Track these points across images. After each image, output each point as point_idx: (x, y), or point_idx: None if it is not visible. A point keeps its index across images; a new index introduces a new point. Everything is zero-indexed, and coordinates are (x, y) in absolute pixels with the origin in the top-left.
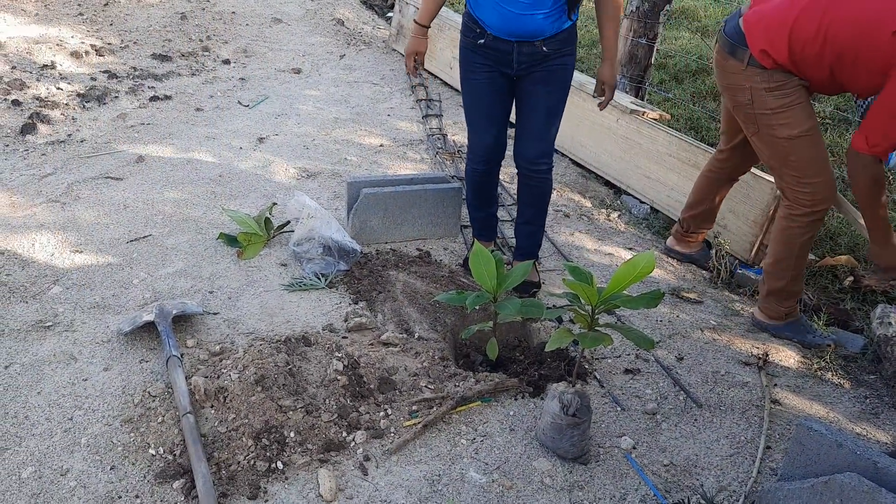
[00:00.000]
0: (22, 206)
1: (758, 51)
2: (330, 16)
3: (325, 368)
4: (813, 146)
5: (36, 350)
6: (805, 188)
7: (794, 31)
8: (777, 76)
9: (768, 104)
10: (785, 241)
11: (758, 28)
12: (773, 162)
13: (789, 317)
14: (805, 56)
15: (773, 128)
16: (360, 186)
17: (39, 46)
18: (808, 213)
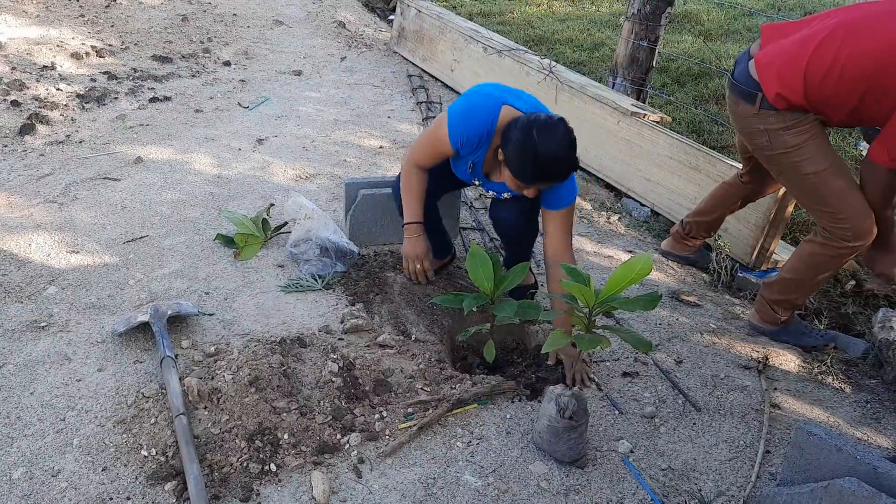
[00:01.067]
0: (19, 207)
1: (773, 94)
2: (331, 18)
3: (321, 370)
4: (841, 178)
5: (30, 350)
6: (843, 223)
7: (809, 70)
8: (791, 115)
9: (788, 143)
10: (813, 266)
11: (771, 70)
12: (806, 201)
13: (787, 322)
14: (822, 96)
15: (796, 165)
16: (358, 188)
17: (40, 47)
18: (847, 248)
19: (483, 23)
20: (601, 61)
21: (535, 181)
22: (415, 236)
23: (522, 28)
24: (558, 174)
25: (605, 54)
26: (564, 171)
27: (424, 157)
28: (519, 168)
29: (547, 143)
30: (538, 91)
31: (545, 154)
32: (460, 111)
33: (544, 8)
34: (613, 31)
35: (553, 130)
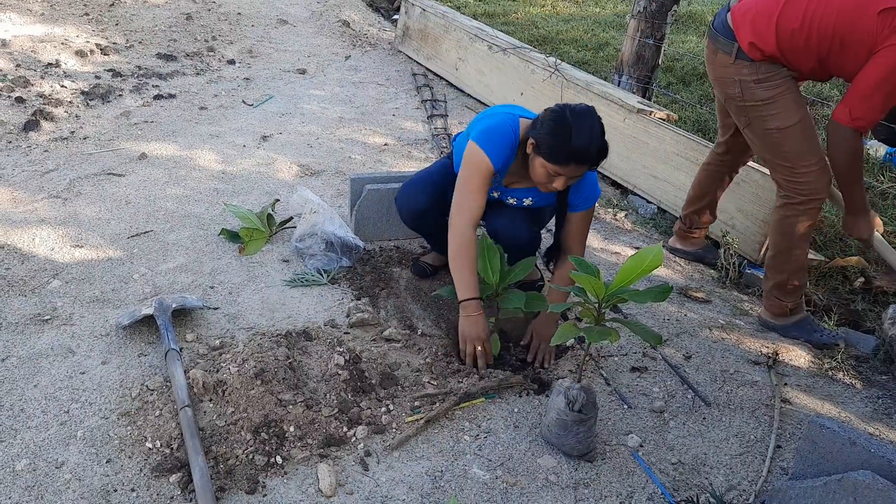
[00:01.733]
0: (23, 202)
1: (746, 44)
2: (336, 17)
3: (326, 363)
4: (804, 136)
5: (34, 343)
6: (800, 178)
7: (781, 22)
8: (765, 67)
9: (757, 96)
10: (783, 231)
11: (745, 21)
12: (767, 154)
13: (795, 314)
14: (793, 46)
15: (763, 119)
16: (363, 183)
17: (44, 45)
18: (805, 202)
19: (487, 23)
20: (605, 61)
21: (569, 161)
22: (474, 314)
23: (526, 28)
24: (590, 156)
25: (609, 54)
26: (596, 154)
27: (476, 201)
28: (553, 149)
29: (581, 125)
30: (544, 88)
31: (580, 134)
32: (485, 133)
33: (548, 8)
34: (618, 32)
35: (586, 115)
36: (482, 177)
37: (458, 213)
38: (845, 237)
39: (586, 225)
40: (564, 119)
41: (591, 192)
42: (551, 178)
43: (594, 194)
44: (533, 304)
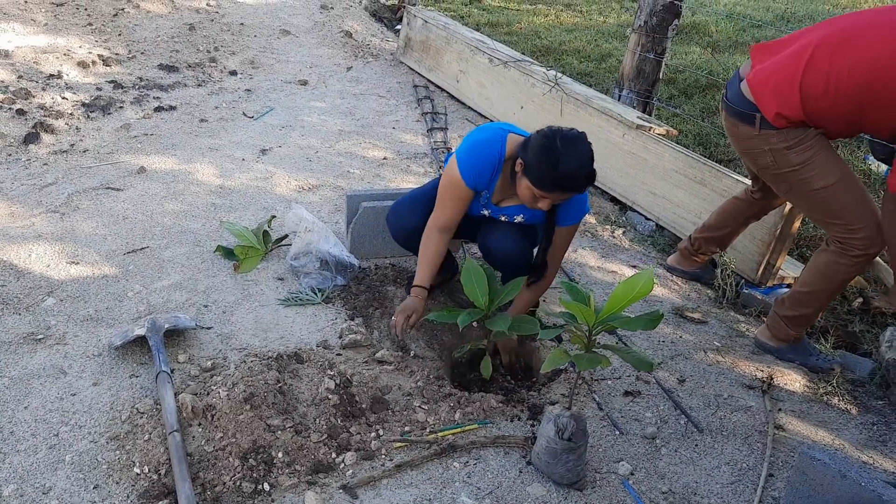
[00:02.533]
0: (21, 216)
1: (773, 114)
2: (338, 28)
3: (317, 387)
4: (851, 190)
5: (26, 363)
6: (856, 233)
7: (805, 86)
8: (793, 133)
9: (793, 161)
10: (828, 276)
11: (767, 90)
12: (816, 214)
13: (794, 339)
14: (821, 109)
15: (805, 182)
16: (359, 200)
17: (47, 56)
18: (862, 255)
19: (490, 33)
20: (608, 72)
21: (554, 189)
22: (417, 297)
23: (530, 38)
24: (577, 184)
25: (612, 65)
26: (583, 181)
27: (445, 212)
28: (539, 175)
29: (570, 153)
30: (544, 102)
31: (567, 163)
32: (466, 149)
33: (552, 18)
34: (621, 42)
35: (576, 141)
36: (453, 190)
37: (431, 218)
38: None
39: (568, 240)
40: (554, 145)
41: (579, 208)
42: (536, 199)
43: (583, 211)
44: (521, 328)
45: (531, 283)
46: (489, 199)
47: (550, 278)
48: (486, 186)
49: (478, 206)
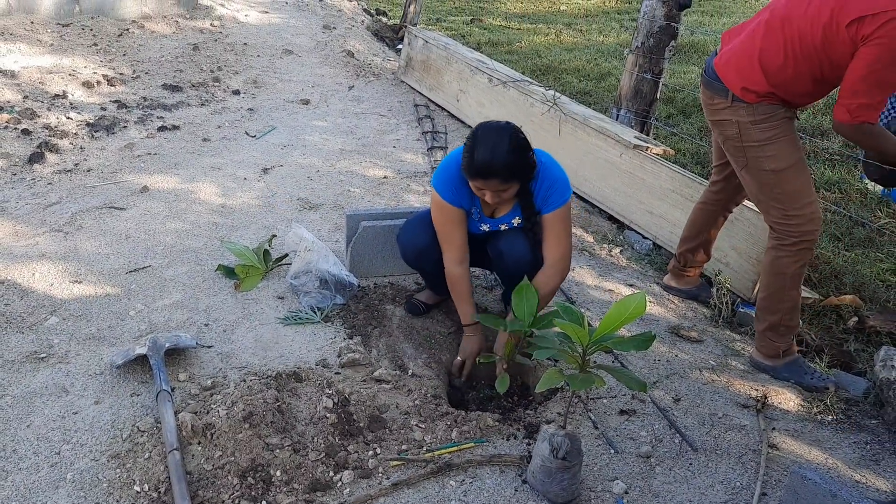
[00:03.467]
0: (25, 235)
1: (739, 89)
2: (340, 48)
3: (315, 405)
4: (798, 179)
5: (28, 382)
6: (791, 220)
7: (763, 60)
8: (762, 109)
9: (755, 136)
10: (776, 272)
11: (729, 69)
12: (761, 195)
13: (787, 355)
14: (784, 79)
15: (759, 160)
16: (359, 219)
17: (52, 76)
18: (796, 243)
19: (491, 52)
20: (607, 91)
21: (476, 177)
22: (473, 335)
23: (530, 58)
24: (493, 171)
25: (611, 84)
26: (502, 168)
27: (451, 241)
28: (465, 164)
29: (484, 141)
30: (542, 122)
31: (481, 151)
32: (438, 172)
33: (552, 37)
34: (620, 62)
35: (494, 131)
36: (444, 215)
37: (444, 253)
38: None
39: (559, 227)
40: (474, 135)
41: (557, 193)
42: (479, 191)
43: (562, 194)
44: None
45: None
46: (481, 213)
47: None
48: (471, 200)
49: (476, 225)
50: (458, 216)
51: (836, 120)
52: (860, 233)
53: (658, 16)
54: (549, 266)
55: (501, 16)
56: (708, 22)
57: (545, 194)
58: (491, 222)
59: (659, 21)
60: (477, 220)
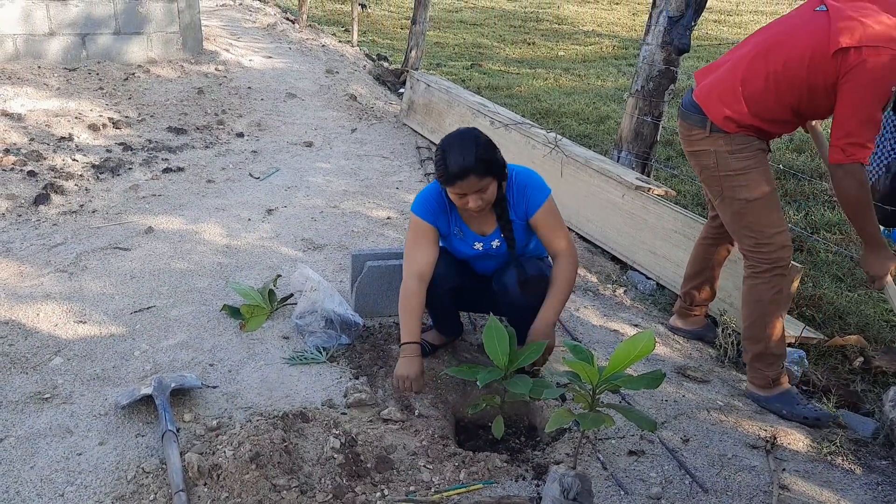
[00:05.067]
0: (30, 276)
1: (721, 118)
2: (343, 91)
3: (322, 446)
4: (769, 209)
5: (32, 423)
6: (762, 248)
7: (745, 89)
8: (738, 139)
9: (731, 166)
10: (754, 299)
11: (712, 99)
12: (734, 225)
13: (777, 386)
14: (766, 107)
15: (733, 189)
16: (364, 259)
17: (59, 119)
18: (769, 270)
19: (491, 96)
20: (607, 134)
21: (454, 180)
22: (410, 356)
23: (530, 101)
24: (469, 169)
25: (610, 127)
26: (476, 163)
27: (416, 253)
28: (440, 175)
29: (452, 146)
30: (544, 164)
31: (452, 153)
32: (417, 197)
33: (551, 82)
34: (618, 105)
35: (458, 134)
36: (417, 232)
37: (404, 268)
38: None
39: (550, 223)
40: (441, 147)
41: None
42: (461, 200)
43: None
44: (539, 391)
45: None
46: (468, 230)
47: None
48: (447, 218)
49: (468, 245)
50: (429, 232)
51: (832, 163)
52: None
53: (657, 60)
54: (559, 258)
55: (500, 61)
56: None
57: (523, 197)
58: (483, 240)
59: (658, 65)
60: (467, 240)
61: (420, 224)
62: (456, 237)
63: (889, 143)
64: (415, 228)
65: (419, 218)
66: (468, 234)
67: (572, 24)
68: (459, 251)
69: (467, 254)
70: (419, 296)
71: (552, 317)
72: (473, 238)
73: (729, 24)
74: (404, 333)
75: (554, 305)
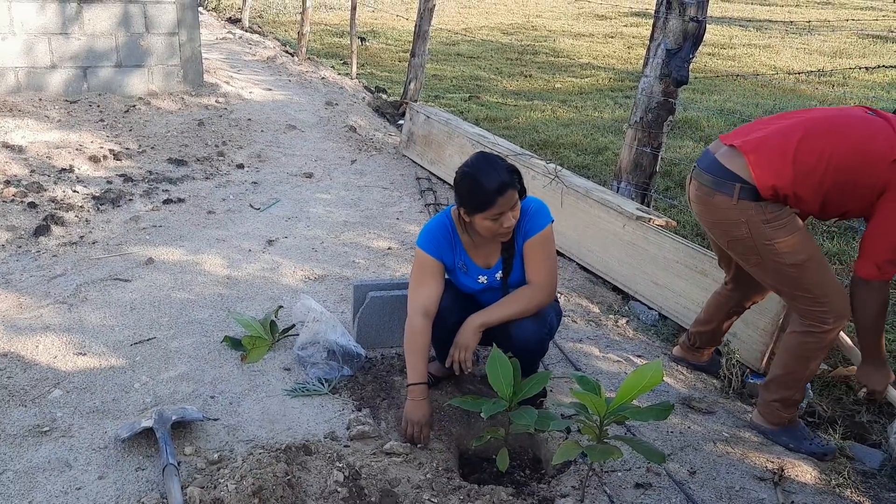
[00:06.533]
0: (29, 308)
1: (769, 185)
2: (343, 123)
3: (326, 479)
4: (821, 267)
5: (31, 457)
6: (823, 307)
7: (797, 160)
8: (770, 207)
9: (768, 235)
10: (801, 356)
11: (761, 160)
12: (784, 288)
13: (791, 423)
14: (808, 184)
15: (778, 256)
16: (366, 290)
17: (59, 151)
18: (830, 330)
19: (489, 127)
20: (605, 165)
21: (495, 198)
22: (418, 399)
23: (528, 133)
24: (505, 184)
25: (608, 158)
26: (509, 177)
27: (422, 289)
28: (477, 202)
29: (481, 167)
30: (544, 194)
31: (486, 175)
32: (422, 232)
33: (548, 113)
34: (616, 136)
35: (480, 159)
36: (422, 267)
37: (409, 304)
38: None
39: (543, 250)
40: (467, 175)
41: (537, 215)
42: (496, 223)
43: (542, 220)
44: (544, 423)
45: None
46: (472, 264)
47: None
48: (452, 252)
49: (472, 279)
50: (435, 267)
51: (860, 276)
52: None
53: (656, 92)
54: (531, 283)
55: (498, 93)
56: (699, 99)
57: (526, 221)
58: (487, 273)
59: (657, 97)
60: (471, 273)
61: (426, 259)
62: (460, 271)
63: None
64: (420, 263)
65: (425, 252)
66: (472, 267)
67: (568, 56)
68: (464, 285)
69: (472, 288)
70: (425, 333)
71: (481, 320)
72: (478, 272)
73: (723, 56)
74: (411, 374)
75: (490, 312)
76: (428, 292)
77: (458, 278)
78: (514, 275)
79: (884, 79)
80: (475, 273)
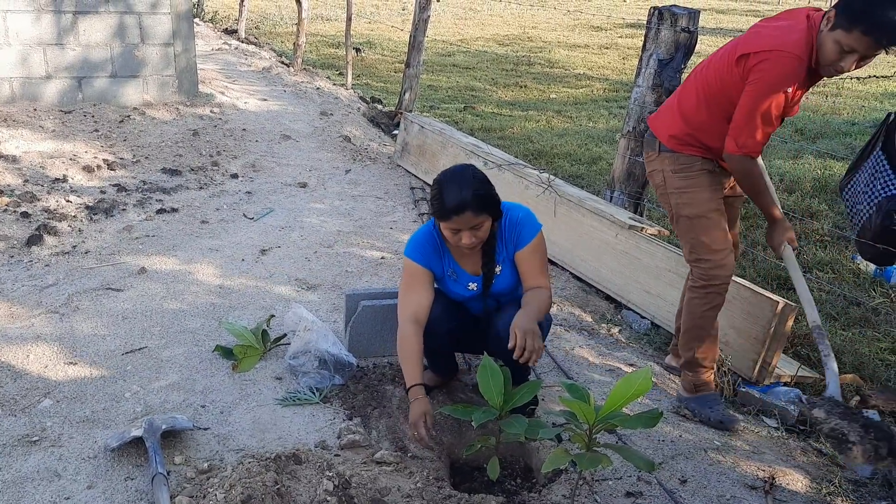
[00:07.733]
0: (20, 317)
1: (666, 137)
2: (337, 133)
3: (315, 488)
4: (710, 229)
5: (19, 466)
6: (701, 264)
7: (681, 107)
8: (683, 159)
9: (675, 184)
10: (689, 311)
11: (658, 120)
12: (681, 239)
13: (701, 390)
14: (700, 120)
15: (679, 206)
16: (358, 299)
17: (53, 160)
18: (705, 286)
19: (484, 137)
20: (598, 174)
21: (451, 215)
22: (419, 398)
23: (522, 143)
24: (465, 205)
25: (602, 168)
26: (472, 200)
27: (409, 298)
28: (437, 212)
29: (450, 182)
30: (537, 204)
31: (449, 191)
32: (410, 240)
33: (543, 123)
34: (610, 146)
35: (455, 172)
36: (411, 276)
37: (399, 313)
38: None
39: (535, 260)
40: (438, 182)
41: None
42: (456, 235)
43: (532, 229)
44: (534, 431)
45: None
46: (461, 271)
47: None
48: (440, 260)
49: (462, 286)
50: (423, 275)
51: (726, 151)
52: (856, 312)
53: (648, 101)
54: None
55: (493, 103)
56: None
57: (515, 232)
58: (477, 280)
59: (649, 107)
60: (461, 280)
61: (413, 267)
62: (450, 279)
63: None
64: (408, 272)
65: (412, 261)
66: (462, 275)
67: (563, 67)
68: (454, 293)
69: (462, 295)
70: (417, 340)
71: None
72: (467, 279)
73: None
74: (408, 377)
75: (530, 310)
76: (418, 300)
77: (447, 286)
78: (498, 285)
79: (877, 89)
80: (465, 280)
